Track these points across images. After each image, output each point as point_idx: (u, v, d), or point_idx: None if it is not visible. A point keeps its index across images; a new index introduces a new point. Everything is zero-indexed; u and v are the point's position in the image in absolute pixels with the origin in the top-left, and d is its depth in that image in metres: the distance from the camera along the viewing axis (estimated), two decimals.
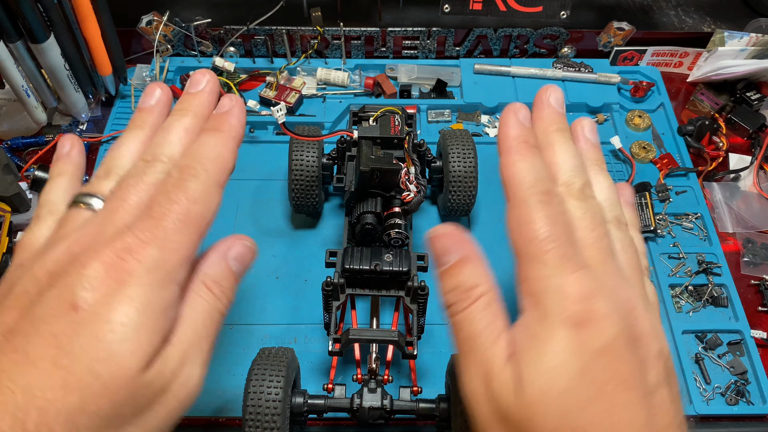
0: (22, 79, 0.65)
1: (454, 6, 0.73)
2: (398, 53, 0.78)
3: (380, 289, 0.48)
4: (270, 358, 0.45)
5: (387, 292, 0.48)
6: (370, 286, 0.48)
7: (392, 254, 0.47)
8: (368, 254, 0.47)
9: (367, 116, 0.57)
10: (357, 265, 0.46)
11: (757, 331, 0.57)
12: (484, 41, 0.78)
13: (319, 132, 0.60)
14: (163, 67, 0.75)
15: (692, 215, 0.66)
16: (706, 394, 0.54)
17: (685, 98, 0.78)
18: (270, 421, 0.42)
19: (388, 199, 0.50)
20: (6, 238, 0.59)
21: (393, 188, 0.50)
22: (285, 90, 0.73)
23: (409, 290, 0.48)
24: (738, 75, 0.75)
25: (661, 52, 0.78)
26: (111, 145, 0.40)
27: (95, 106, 0.74)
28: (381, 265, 0.46)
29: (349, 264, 0.47)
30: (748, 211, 0.66)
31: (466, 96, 0.74)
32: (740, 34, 0.74)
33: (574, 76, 0.76)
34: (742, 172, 0.69)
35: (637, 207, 0.64)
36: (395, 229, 0.48)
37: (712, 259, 0.62)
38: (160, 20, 0.73)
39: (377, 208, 0.49)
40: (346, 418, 0.53)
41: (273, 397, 0.43)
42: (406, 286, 0.48)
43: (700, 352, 0.56)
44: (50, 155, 0.68)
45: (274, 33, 0.75)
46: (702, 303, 0.59)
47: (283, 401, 0.43)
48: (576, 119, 0.37)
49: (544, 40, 0.77)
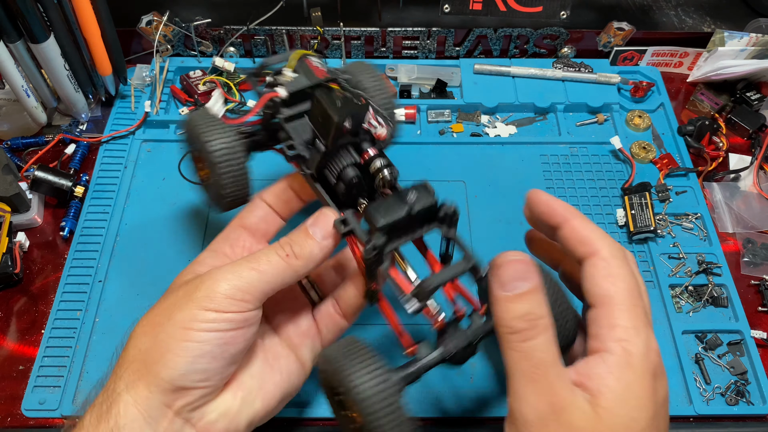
0: (21, 79, 0.65)
1: (454, 6, 0.73)
2: (398, 53, 0.78)
3: (415, 231, 0.43)
4: (348, 347, 0.39)
5: (422, 230, 0.43)
6: (405, 234, 0.43)
7: (412, 191, 0.42)
8: (388, 204, 0.42)
9: (272, 74, 0.49)
10: (392, 217, 0.41)
11: (757, 331, 0.57)
12: (484, 41, 0.78)
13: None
14: (163, 67, 0.75)
15: (692, 215, 0.66)
16: (706, 395, 0.54)
17: (685, 98, 0.78)
18: (392, 408, 0.37)
19: (358, 145, 0.45)
20: (6, 239, 0.59)
21: (360, 130, 0.45)
22: None
23: (445, 217, 0.43)
24: (738, 75, 0.75)
25: (661, 52, 0.78)
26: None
27: (95, 106, 0.74)
28: (415, 206, 0.41)
29: (385, 219, 0.41)
30: (748, 211, 0.66)
31: (466, 96, 0.74)
32: (740, 34, 0.74)
33: (574, 76, 0.76)
34: (742, 172, 0.69)
35: (637, 207, 0.64)
36: (386, 169, 0.44)
37: (712, 259, 0.62)
38: (160, 20, 0.73)
39: (355, 158, 0.45)
40: None
41: (387, 384, 0.37)
42: (438, 216, 0.43)
43: (700, 353, 0.56)
44: (50, 155, 0.68)
45: (274, 33, 0.75)
46: (702, 303, 0.59)
47: (397, 384, 0.38)
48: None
49: (544, 40, 0.78)
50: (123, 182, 0.67)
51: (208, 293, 0.39)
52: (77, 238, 0.63)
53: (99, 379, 0.42)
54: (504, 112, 0.75)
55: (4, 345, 0.57)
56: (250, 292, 0.40)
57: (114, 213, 0.64)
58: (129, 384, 0.38)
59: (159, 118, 0.71)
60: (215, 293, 0.39)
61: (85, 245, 0.62)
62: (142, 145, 0.70)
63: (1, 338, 0.57)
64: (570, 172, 0.69)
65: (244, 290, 0.40)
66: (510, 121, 0.74)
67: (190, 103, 0.73)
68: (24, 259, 0.61)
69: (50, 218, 0.65)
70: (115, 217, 0.64)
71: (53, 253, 0.63)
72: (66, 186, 0.63)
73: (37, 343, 0.56)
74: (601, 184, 0.68)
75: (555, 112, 0.74)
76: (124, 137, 0.71)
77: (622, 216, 0.64)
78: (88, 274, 0.60)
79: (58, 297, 0.59)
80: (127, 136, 0.71)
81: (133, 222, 0.64)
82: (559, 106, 0.74)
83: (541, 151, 0.71)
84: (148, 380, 0.38)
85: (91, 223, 0.64)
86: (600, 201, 0.67)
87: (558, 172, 0.69)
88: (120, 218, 0.64)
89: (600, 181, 0.68)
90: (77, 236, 0.63)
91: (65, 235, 0.63)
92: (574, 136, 0.72)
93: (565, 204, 0.40)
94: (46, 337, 0.56)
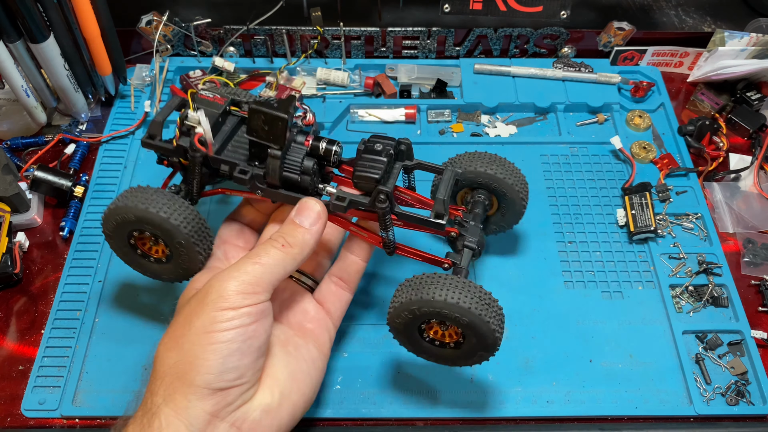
0: (21, 79, 0.65)
1: (454, 6, 0.73)
2: (398, 53, 0.78)
3: (392, 170, 0.50)
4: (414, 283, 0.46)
5: (396, 167, 0.50)
6: (389, 176, 0.49)
7: (377, 143, 0.48)
8: (365, 162, 0.47)
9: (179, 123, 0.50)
10: (381, 167, 0.47)
11: (757, 332, 0.57)
12: (484, 41, 0.78)
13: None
14: (162, 67, 0.75)
15: (692, 215, 0.66)
16: (707, 395, 0.54)
17: (686, 98, 0.78)
18: (490, 300, 0.45)
19: (294, 138, 0.49)
20: (6, 239, 0.59)
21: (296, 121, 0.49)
22: (285, 90, 0.73)
23: (406, 150, 0.51)
24: (738, 75, 0.75)
25: (662, 52, 0.78)
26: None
27: (95, 106, 0.74)
28: (386, 150, 0.48)
29: (378, 172, 0.47)
30: (749, 211, 0.66)
31: (466, 96, 0.74)
32: (740, 34, 0.74)
33: (574, 76, 0.76)
34: (743, 172, 0.69)
35: (638, 207, 0.64)
36: (334, 146, 0.48)
37: (713, 259, 0.62)
38: (159, 20, 0.73)
39: (303, 149, 0.48)
40: (349, 419, 0.53)
41: (474, 286, 0.45)
42: (399, 150, 0.50)
43: (701, 353, 0.56)
44: (50, 155, 0.68)
45: (274, 33, 0.75)
46: (702, 303, 0.59)
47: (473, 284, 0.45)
48: None
49: (544, 40, 0.77)
50: (123, 182, 0.67)
51: (220, 293, 0.41)
52: (77, 238, 0.62)
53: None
54: (504, 112, 0.75)
55: (4, 345, 0.57)
56: (258, 284, 0.42)
57: None
58: (166, 397, 0.39)
59: None
60: (227, 291, 0.41)
61: (85, 245, 0.62)
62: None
63: (1, 338, 0.57)
64: (570, 172, 0.69)
65: (253, 283, 0.42)
66: (510, 121, 0.74)
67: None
68: (24, 259, 0.61)
69: (50, 218, 0.65)
70: None
71: (53, 253, 0.63)
72: (66, 186, 0.63)
73: (37, 343, 0.56)
74: (602, 184, 0.68)
75: (555, 112, 0.74)
76: (124, 137, 0.71)
77: (622, 216, 0.64)
78: (88, 274, 0.60)
79: (57, 297, 0.59)
80: (127, 136, 0.71)
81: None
82: (560, 106, 0.74)
83: (541, 151, 0.71)
84: (184, 390, 0.39)
85: (91, 223, 0.64)
86: (600, 201, 0.67)
87: (558, 172, 0.69)
88: None
89: (600, 181, 0.68)
90: (77, 236, 0.63)
91: (65, 235, 0.63)
92: (574, 136, 0.72)
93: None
94: (46, 337, 0.56)
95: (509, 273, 0.61)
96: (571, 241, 0.63)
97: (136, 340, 0.56)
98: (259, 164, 0.49)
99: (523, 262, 0.62)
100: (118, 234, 0.49)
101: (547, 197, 0.67)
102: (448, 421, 0.53)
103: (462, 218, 0.52)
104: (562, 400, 0.54)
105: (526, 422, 0.54)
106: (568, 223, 0.65)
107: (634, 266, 0.62)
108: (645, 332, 0.58)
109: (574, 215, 0.65)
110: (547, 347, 0.57)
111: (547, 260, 0.62)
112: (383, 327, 0.57)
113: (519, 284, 0.60)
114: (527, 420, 0.54)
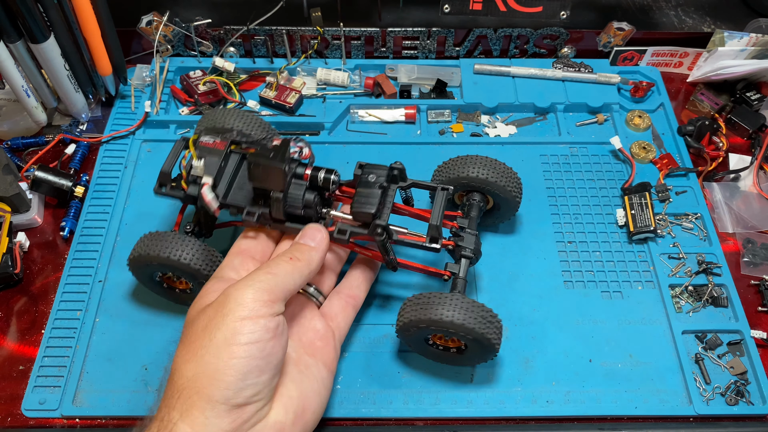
0: (22, 79, 0.65)
1: (454, 6, 0.73)
2: (398, 53, 0.78)
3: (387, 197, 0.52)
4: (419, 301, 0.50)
5: (391, 193, 0.53)
6: (385, 203, 0.51)
7: (370, 175, 0.51)
8: (361, 195, 0.50)
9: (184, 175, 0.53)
10: (376, 200, 0.50)
11: (757, 331, 0.57)
12: (484, 41, 0.78)
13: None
14: (163, 67, 0.75)
15: (692, 215, 0.66)
16: (706, 395, 0.54)
17: (685, 98, 0.78)
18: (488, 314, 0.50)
19: (294, 173, 0.51)
20: (6, 239, 0.59)
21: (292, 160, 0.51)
22: (285, 90, 0.73)
23: (399, 174, 0.53)
24: (738, 75, 0.75)
25: (661, 52, 0.78)
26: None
27: (95, 106, 0.74)
28: (379, 181, 0.51)
29: (373, 206, 0.49)
30: (748, 211, 0.66)
31: (466, 96, 0.74)
32: (740, 34, 0.74)
33: (574, 76, 0.76)
34: (742, 172, 0.69)
35: (637, 207, 0.64)
36: (332, 176, 0.51)
37: (712, 259, 0.62)
38: (160, 20, 0.73)
39: (302, 183, 0.51)
40: (349, 419, 0.53)
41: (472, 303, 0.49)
42: (393, 175, 0.53)
43: (700, 352, 0.56)
44: (50, 155, 0.68)
45: (274, 33, 0.75)
46: (702, 303, 0.59)
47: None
48: None
49: (544, 40, 0.78)
50: (123, 182, 0.67)
51: (238, 302, 0.42)
52: (77, 238, 0.63)
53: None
54: (504, 112, 0.75)
55: (4, 345, 0.57)
56: (273, 292, 0.43)
57: (114, 213, 0.64)
58: (183, 413, 0.39)
59: (159, 118, 0.71)
60: (244, 299, 0.42)
61: (85, 245, 0.62)
62: (142, 145, 0.70)
63: (1, 338, 0.57)
64: (570, 172, 0.69)
65: (268, 291, 0.43)
66: (510, 121, 0.74)
67: (190, 103, 0.73)
68: (24, 259, 0.61)
69: (50, 218, 0.65)
70: (115, 217, 0.64)
71: (53, 253, 0.63)
72: (66, 186, 0.64)
73: (37, 343, 0.56)
74: (601, 184, 0.68)
75: (555, 112, 0.74)
76: (124, 137, 0.71)
77: (622, 216, 0.64)
78: (88, 274, 0.60)
79: (58, 297, 0.59)
80: (127, 136, 0.71)
81: (133, 222, 0.64)
82: (559, 106, 0.74)
83: (541, 151, 0.71)
84: (202, 406, 0.39)
85: (91, 223, 0.64)
86: (600, 201, 0.67)
87: (558, 172, 0.69)
88: (120, 218, 0.64)
89: (600, 181, 0.68)
90: (77, 236, 0.63)
91: (65, 235, 0.63)
92: (574, 136, 0.72)
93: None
94: (46, 337, 0.56)
95: (509, 273, 0.61)
96: (570, 241, 0.64)
97: (136, 340, 0.56)
98: (264, 202, 0.52)
99: (523, 262, 0.62)
100: (145, 275, 0.55)
101: (546, 197, 0.67)
102: (448, 421, 0.53)
103: (457, 228, 0.55)
104: (561, 400, 0.54)
105: (525, 422, 0.54)
106: (568, 223, 0.65)
107: (633, 266, 0.62)
108: (645, 332, 0.58)
109: (573, 215, 0.66)
110: (547, 347, 0.57)
111: (547, 260, 0.62)
112: (383, 327, 0.58)
113: (519, 284, 0.60)
114: (527, 420, 0.54)
